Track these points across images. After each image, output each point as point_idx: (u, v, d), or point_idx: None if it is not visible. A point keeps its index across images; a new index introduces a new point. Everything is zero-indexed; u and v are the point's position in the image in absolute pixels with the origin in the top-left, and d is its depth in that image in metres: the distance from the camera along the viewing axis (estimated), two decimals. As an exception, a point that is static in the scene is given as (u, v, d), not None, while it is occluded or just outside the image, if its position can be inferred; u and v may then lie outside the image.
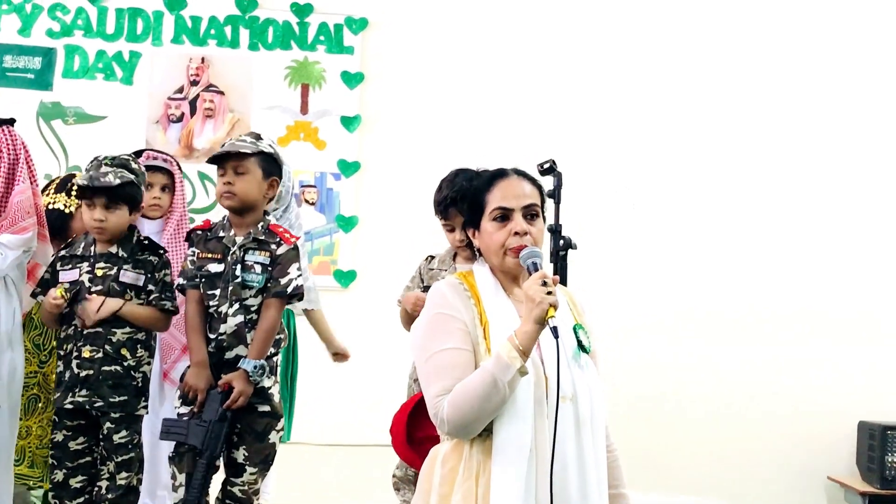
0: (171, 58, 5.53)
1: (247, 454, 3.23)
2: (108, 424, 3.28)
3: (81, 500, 3.28)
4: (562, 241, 3.38)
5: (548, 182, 3.21)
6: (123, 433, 3.29)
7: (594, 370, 2.31)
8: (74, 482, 3.28)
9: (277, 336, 3.30)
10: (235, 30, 5.55)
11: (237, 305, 3.22)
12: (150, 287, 3.38)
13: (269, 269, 3.25)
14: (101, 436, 3.30)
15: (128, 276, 3.34)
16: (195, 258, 3.32)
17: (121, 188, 3.31)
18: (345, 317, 4.54)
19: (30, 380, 3.60)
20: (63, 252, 3.43)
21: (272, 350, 3.28)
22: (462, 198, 3.22)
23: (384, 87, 5.58)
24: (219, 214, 3.50)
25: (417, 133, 5.49)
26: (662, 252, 5.52)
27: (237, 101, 5.54)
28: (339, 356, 4.20)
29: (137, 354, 3.34)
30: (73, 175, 3.83)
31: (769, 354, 5.48)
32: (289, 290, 3.25)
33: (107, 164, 3.34)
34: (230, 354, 3.23)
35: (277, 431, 3.30)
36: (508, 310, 2.28)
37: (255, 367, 3.18)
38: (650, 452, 4.99)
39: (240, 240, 3.27)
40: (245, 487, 3.22)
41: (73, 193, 3.68)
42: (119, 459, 3.27)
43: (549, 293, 2.14)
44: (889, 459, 5.11)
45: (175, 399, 3.35)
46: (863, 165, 5.65)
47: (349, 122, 5.58)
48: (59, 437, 3.30)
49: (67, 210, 3.71)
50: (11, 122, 3.43)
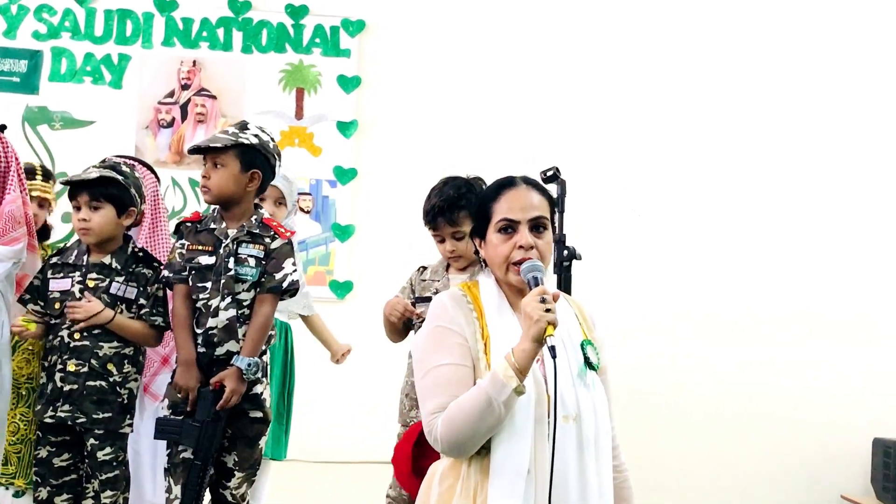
0: (162, 61, 5.54)
1: (237, 459, 3.25)
2: (92, 441, 3.26)
3: (67, 519, 3.27)
4: (566, 252, 3.35)
5: (551, 190, 3.19)
6: (108, 450, 3.26)
7: (601, 388, 2.29)
8: (59, 500, 3.27)
9: (269, 332, 3.30)
10: (228, 32, 5.56)
11: (229, 299, 3.21)
12: (143, 301, 3.36)
13: (264, 263, 3.25)
14: (86, 453, 3.28)
15: (121, 289, 3.33)
16: (184, 250, 3.30)
17: (103, 186, 3.31)
18: (340, 330, 4.51)
19: None
20: (55, 259, 3.42)
21: (262, 347, 3.28)
22: (451, 207, 3.24)
23: (382, 92, 5.59)
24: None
25: (416, 139, 5.50)
26: (661, 253, 5.57)
27: (230, 106, 5.55)
28: (342, 357, 4.22)
29: (124, 370, 3.32)
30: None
31: (768, 355, 5.56)
32: (284, 286, 3.24)
33: (94, 166, 3.36)
34: (220, 351, 3.21)
35: (265, 436, 3.32)
36: (512, 325, 2.25)
37: (250, 365, 3.17)
38: (650, 453, 5.00)
39: (232, 232, 3.28)
40: (234, 492, 3.25)
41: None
42: (104, 477, 3.25)
43: (548, 310, 2.11)
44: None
45: (160, 409, 3.35)
46: (861, 168, 5.73)
47: (345, 128, 5.58)
48: (44, 454, 3.28)
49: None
50: (2, 129, 3.42)
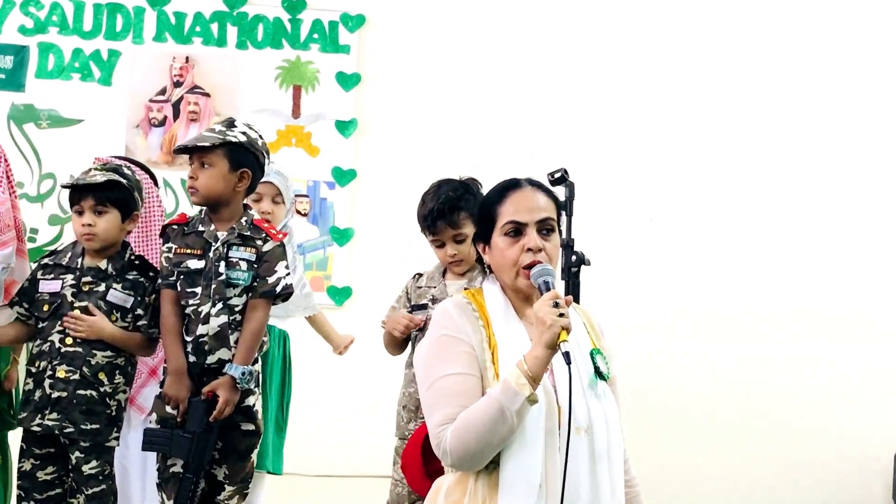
0: (153, 57, 5.53)
1: (227, 473, 3.24)
2: (77, 454, 3.22)
3: (51, 536, 3.25)
4: (574, 257, 3.34)
5: (558, 193, 3.17)
6: (94, 464, 3.23)
7: (612, 399, 2.29)
8: (44, 516, 3.25)
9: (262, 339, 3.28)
10: (222, 27, 5.55)
11: (220, 305, 3.19)
12: (139, 311, 3.33)
13: (255, 267, 3.23)
14: (70, 466, 3.25)
15: (116, 297, 3.29)
16: (171, 254, 3.27)
17: (109, 189, 3.28)
18: (339, 338, 4.52)
19: None
20: (46, 260, 3.38)
21: (255, 355, 3.26)
22: (451, 209, 3.26)
23: (382, 90, 5.58)
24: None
25: (418, 139, 5.49)
26: (659, 251, 5.59)
27: (224, 104, 5.53)
28: (345, 349, 4.24)
29: (115, 381, 3.28)
30: None
31: (766, 353, 5.56)
32: (277, 290, 3.22)
33: (95, 168, 3.33)
34: (212, 359, 3.19)
35: (256, 449, 3.31)
36: (519, 332, 2.25)
37: (244, 374, 3.15)
38: (648, 451, 4.98)
39: (222, 235, 3.25)
40: None
41: None
42: (90, 492, 3.22)
43: (562, 315, 2.10)
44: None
45: (148, 423, 3.34)
46: (860, 166, 5.74)
47: (344, 127, 5.57)
48: (27, 466, 3.25)
49: None
50: None
